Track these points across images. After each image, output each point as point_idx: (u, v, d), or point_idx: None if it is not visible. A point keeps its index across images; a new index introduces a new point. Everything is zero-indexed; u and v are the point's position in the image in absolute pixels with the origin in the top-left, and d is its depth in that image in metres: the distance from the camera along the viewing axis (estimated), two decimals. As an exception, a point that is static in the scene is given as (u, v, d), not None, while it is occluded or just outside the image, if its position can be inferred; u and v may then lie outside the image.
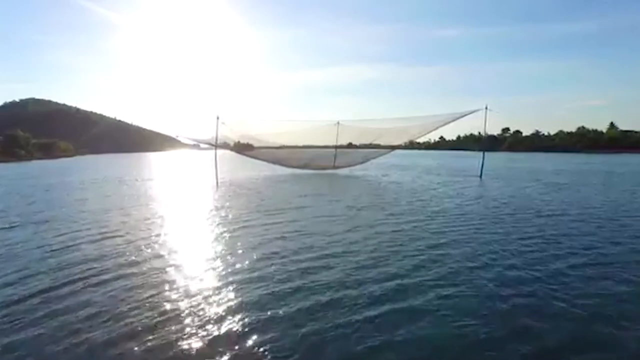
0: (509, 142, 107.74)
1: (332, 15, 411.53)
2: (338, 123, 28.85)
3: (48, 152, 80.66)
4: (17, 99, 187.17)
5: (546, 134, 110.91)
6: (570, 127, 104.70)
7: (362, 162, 32.36)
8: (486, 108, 21.91)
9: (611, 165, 39.17)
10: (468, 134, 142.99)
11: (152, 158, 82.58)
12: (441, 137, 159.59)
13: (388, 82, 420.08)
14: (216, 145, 14.32)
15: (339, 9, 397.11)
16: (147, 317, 4.99)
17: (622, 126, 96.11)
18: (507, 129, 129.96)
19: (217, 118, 11.96)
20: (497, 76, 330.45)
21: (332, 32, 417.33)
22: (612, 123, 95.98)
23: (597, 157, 62.70)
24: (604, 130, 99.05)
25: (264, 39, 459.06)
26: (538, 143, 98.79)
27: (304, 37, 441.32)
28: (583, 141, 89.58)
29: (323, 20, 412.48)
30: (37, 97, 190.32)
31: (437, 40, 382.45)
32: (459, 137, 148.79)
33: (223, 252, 8.11)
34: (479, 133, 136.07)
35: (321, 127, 30.23)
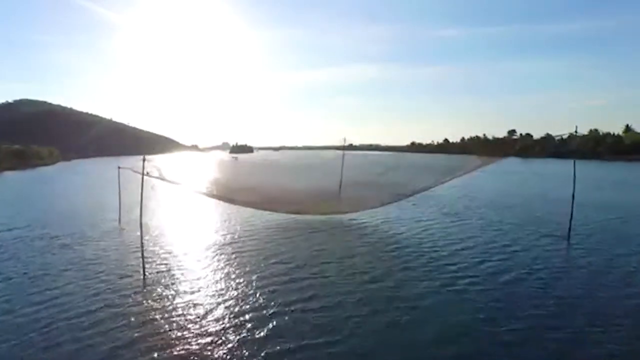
0: (519, 146, 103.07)
1: (331, 16, 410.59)
2: (344, 138, 24.47)
3: (24, 159, 69.65)
4: (10, 100, 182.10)
5: (558, 137, 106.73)
6: (571, 127, 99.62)
7: (396, 200, 18.30)
8: None
9: None
10: (473, 136, 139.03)
11: (146, 162, 77.20)
12: (445, 140, 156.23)
13: (388, 82, 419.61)
14: (142, 192, 9.26)
15: (338, 9, 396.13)
16: None
17: (622, 127, 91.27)
18: (514, 131, 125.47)
19: (144, 160, 8.70)
20: (497, 76, 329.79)
21: (331, 32, 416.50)
22: (627, 125, 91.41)
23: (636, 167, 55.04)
24: (616, 133, 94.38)
25: (264, 39, 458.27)
26: (551, 147, 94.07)
27: (303, 37, 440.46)
28: (602, 145, 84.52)
29: (323, 21, 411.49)
30: (33, 97, 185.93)
31: (438, 40, 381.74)
32: (463, 139, 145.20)
33: None
34: (484, 135, 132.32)
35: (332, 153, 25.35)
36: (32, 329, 7.51)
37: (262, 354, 6.60)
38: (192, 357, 6.57)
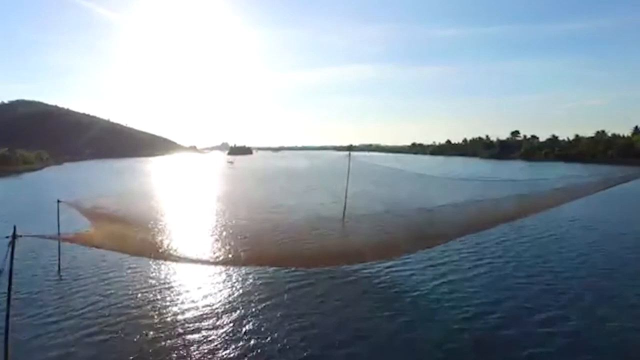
0: (525, 149, 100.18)
1: (331, 16, 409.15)
2: (349, 147, 21.61)
3: (10, 165, 64.92)
4: (5, 101, 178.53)
5: (564, 139, 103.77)
6: (572, 127, 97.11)
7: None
8: None
9: None
10: (476, 137, 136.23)
11: (137, 167, 73.91)
12: (447, 141, 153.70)
13: (387, 82, 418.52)
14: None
15: (338, 9, 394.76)
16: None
17: (622, 127, 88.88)
18: (517, 132, 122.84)
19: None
20: (496, 76, 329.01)
21: (331, 33, 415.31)
22: (637, 127, 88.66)
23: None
24: (621, 134, 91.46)
25: (263, 39, 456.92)
26: (558, 150, 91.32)
27: (302, 38, 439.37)
28: (612, 148, 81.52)
29: (322, 21, 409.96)
30: (30, 98, 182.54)
31: (437, 40, 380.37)
32: (465, 141, 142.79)
33: None
34: (487, 137, 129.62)
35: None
36: None
37: None
38: None
